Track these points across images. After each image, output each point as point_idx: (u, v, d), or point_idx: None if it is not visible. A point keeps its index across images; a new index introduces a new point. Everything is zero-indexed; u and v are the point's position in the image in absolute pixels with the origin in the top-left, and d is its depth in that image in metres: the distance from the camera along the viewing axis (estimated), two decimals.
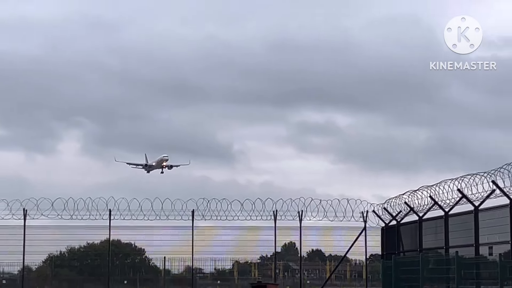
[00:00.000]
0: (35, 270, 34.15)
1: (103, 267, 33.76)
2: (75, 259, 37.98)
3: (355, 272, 42.53)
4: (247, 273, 39.01)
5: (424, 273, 24.68)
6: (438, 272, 24.84)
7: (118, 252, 36.00)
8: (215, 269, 38.02)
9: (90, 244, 35.06)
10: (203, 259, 34.97)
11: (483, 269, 22.50)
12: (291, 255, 40.19)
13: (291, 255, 40.19)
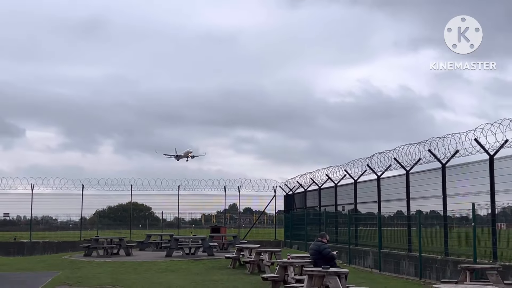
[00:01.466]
0: (88, 219, 41.84)
1: (127, 217, 42.03)
2: (111, 213, 45.03)
3: (269, 220, 49.31)
4: (209, 221, 45.87)
5: (307, 220, 32.68)
6: (315, 220, 32.38)
7: (135, 209, 43.72)
8: (191, 218, 46.32)
9: (120, 204, 43.38)
10: (184, 213, 42.28)
11: (339, 218, 29.69)
12: (234, 211, 47.49)
13: (234, 211, 47.49)
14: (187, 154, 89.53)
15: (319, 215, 32.04)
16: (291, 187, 39.79)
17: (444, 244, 18.92)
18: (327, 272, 12.51)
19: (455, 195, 19.15)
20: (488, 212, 16.97)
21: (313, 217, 33.56)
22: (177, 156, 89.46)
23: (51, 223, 45.97)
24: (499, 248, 16.39)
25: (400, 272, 20.89)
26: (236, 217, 46.86)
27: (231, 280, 18.09)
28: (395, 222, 23.90)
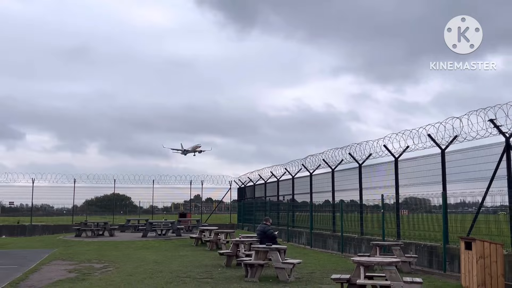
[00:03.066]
0: (79, 206, 41.18)
1: (111, 205, 41.75)
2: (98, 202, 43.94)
3: (226, 207, 49.12)
4: (177, 208, 45.27)
5: (255, 207, 33.50)
6: (261, 207, 32.63)
7: (118, 198, 42.52)
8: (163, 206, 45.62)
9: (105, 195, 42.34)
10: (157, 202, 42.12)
11: (280, 206, 29.82)
12: (197, 200, 46.75)
13: (197, 200, 46.75)
14: (195, 148, 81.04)
15: (265, 204, 32.39)
16: (243, 181, 40.08)
17: (360, 226, 19.29)
18: (270, 248, 12.63)
19: (369, 188, 19.49)
20: (394, 201, 17.31)
21: (260, 205, 33.69)
22: (185, 151, 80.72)
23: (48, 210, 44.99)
24: (402, 229, 16.81)
25: (326, 248, 21.17)
26: (199, 205, 47.18)
27: (194, 255, 18.10)
28: (323, 209, 23.99)
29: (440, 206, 14.29)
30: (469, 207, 15.06)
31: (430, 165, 15.75)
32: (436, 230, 15.00)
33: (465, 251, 11.12)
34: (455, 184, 14.64)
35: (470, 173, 13.94)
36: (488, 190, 12.75)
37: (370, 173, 19.53)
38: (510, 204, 12.08)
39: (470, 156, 13.98)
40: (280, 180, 30.96)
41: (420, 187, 16.38)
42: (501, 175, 12.57)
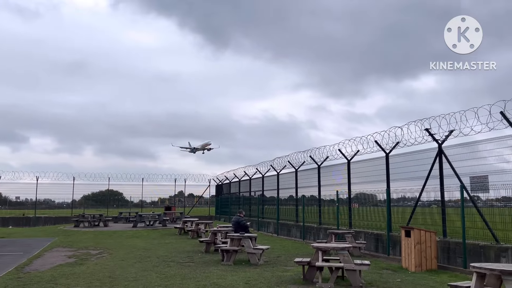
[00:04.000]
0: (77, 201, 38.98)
1: (105, 200, 40.90)
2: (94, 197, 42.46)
3: (205, 201, 47.24)
4: (163, 202, 43.67)
5: (230, 202, 33.63)
6: (236, 201, 32.82)
7: (112, 194, 41.28)
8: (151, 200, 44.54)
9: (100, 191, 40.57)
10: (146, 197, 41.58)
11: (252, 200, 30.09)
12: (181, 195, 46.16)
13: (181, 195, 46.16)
14: (205, 146, 71.92)
15: (239, 198, 32.43)
16: (221, 180, 40.18)
17: (319, 217, 19.45)
18: (243, 236, 12.67)
19: (326, 185, 19.58)
20: (346, 196, 17.52)
21: (234, 199, 33.73)
22: (194, 149, 71.83)
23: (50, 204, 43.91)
24: (353, 220, 17.03)
25: (291, 236, 21.26)
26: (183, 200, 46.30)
27: (178, 242, 17.96)
28: (288, 203, 23.93)
29: (385, 200, 14.53)
30: (408, 201, 15.42)
31: (377, 166, 15.97)
32: (382, 220, 15.26)
33: (405, 238, 11.38)
34: (397, 182, 14.90)
35: (409, 173, 14.22)
36: (424, 187, 13.05)
37: (327, 172, 19.69)
38: (441, 199, 12.41)
39: (409, 159, 14.27)
40: (252, 178, 30.85)
41: (369, 185, 16.56)
42: (434, 175, 12.91)
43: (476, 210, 11.13)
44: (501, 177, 11.08)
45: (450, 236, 11.97)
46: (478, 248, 10.70)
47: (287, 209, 23.73)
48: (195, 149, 72.39)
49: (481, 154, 11.84)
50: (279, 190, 25.18)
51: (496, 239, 10.53)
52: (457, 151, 12.35)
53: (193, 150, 72.53)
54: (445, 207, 12.30)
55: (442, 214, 12.28)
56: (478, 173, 11.50)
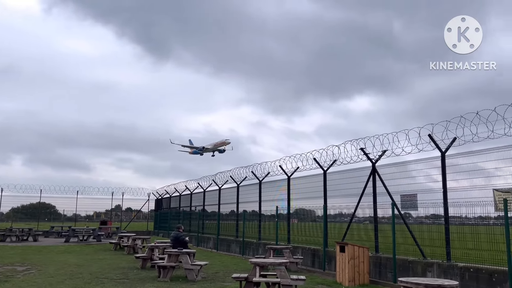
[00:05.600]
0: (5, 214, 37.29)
1: (36, 213, 38.68)
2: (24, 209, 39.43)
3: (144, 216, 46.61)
4: (99, 216, 42.65)
5: (170, 216, 33.13)
6: (176, 216, 32.52)
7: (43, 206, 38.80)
8: (86, 214, 43.20)
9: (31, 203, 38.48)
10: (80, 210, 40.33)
11: (192, 215, 29.47)
12: (118, 209, 44.83)
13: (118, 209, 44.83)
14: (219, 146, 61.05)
15: (179, 213, 31.93)
16: (160, 194, 39.39)
17: (258, 232, 19.64)
18: (181, 252, 12.54)
19: (267, 200, 19.79)
20: (286, 212, 17.83)
21: (174, 214, 33.22)
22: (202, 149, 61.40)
23: None
24: (292, 235, 17.36)
25: (230, 251, 21.26)
26: (120, 214, 44.85)
27: (113, 258, 17.40)
28: (229, 218, 23.78)
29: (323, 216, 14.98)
30: (345, 217, 15.91)
31: (315, 182, 16.42)
32: (319, 236, 15.61)
33: (339, 253, 11.81)
34: (334, 198, 15.43)
35: (346, 190, 14.76)
36: (359, 204, 13.62)
37: (268, 188, 19.98)
38: (374, 215, 13.03)
39: (346, 176, 14.85)
40: (193, 193, 30.64)
41: (308, 200, 16.97)
42: (369, 193, 13.53)
43: (406, 226, 11.79)
44: (430, 195, 11.85)
45: (382, 252, 12.56)
46: (407, 263, 11.32)
47: (228, 224, 23.70)
48: (204, 149, 61.91)
49: (411, 174, 12.62)
50: (221, 205, 25.13)
51: (423, 255, 11.20)
52: (390, 170, 13.05)
53: (201, 150, 62.02)
54: (377, 223, 12.91)
55: (375, 230, 12.87)
56: (408, 192, 12.22)
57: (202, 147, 61.55)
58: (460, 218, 11.08)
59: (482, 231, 10.15)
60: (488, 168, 10.65)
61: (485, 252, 9.70)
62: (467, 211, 10.92)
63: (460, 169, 11.23)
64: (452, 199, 10.96)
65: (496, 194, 9.54)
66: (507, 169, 9.99)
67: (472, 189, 10.71)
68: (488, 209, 10.28)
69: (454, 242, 10.66)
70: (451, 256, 10.44)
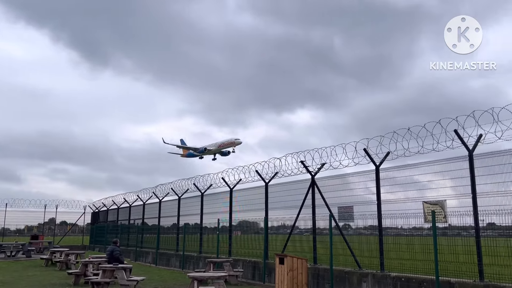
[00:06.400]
0: None
1: None
2: None
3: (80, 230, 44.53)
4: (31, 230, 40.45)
5: (107, 230, 31.94)
6: (114, 230, 31.07)
7: None
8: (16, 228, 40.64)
9: None
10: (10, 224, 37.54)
11: (131, 229, 28.84)
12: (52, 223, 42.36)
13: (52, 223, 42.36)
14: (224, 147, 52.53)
15: (117, 227, 30.91)
16: (97, 206, 38.25)
17: (199, 246, 19.48)
18: (116, 267, 12.21)
19: (210, 213, 19.61)
20: (227, 224, 17.85)
21: (112, 228, 32.14)
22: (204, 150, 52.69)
23: None
24: (234, 248, 17.34)
25: (170, 266, 20.90)
26: (53, 227, 42.64)
27: (43, 275, 16.56)
28: (171, 231, 23.37)
29: None
30: (288, 229, 16.21)
31: (258, 194, 16.62)
32: (261, 248, 15.75)
33: (279, 265, 11.99)
34: (276, 210, 15.67)
35: (287, 202, 15.07)
36: (298, 216, 13.95)
37: (211, 200, 19.90)
38: (313, 227, 13.39)
39: (287, 188, 15.16)
40: (132, 206, 29.77)
41: (251, 212, 17.07)
42: (309, 204, 13.89)
43: (343, 238, 12.21)
44: (367, 207, 12.36)
45: (320, 263, 12.91)
46: (344, 274, 11.71)
47: (168, 238, 23.30)
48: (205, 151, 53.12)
49: (350, 186, 13.12)
50: (161, 218, 24.64)
51: (359, 265, 11.64)
52: (329, 182, 13.50)
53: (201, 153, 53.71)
54: (316, 235, 13.27)
55: (313, 242, 13.22)
56: (345, 204, 12.69)
57: (204, 148, 52.60)
58: (396, 229, 11.67)
59: (416, 242, 10.77)
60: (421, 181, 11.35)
61: (419, 262, 10.27)
62: (402, 222, 11.57)
63: (394, 181, 11.87)
64: (389, 211, 11.51)
65: (425, 206, 10.15)
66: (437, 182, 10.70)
67: (405, 201, 11.33)
68: (421, 221, 10.93)
69: (390, 253, 11.20)
70: (384, 266, 10.93)
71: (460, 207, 9.99)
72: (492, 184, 9.38)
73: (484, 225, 9.64)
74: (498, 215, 9.39)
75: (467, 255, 9.37)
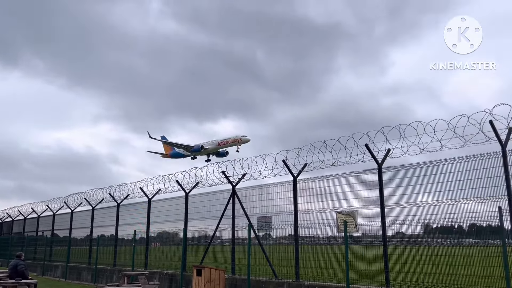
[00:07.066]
0: None
1: None
2: None
3: None
4: None
5: (11, 243, 29.24)
6: (18, 243, 28.62)
7: None
8: None
9: None
10: None
11: (38, 241, 26.67)
12: None
13: None
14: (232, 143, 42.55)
15: (23, 239, 28.76)
16: (1, 217, 35.39)
17: (114, 258, 18.79)
18: (19, 283, 11.42)
19: (127, 224, 19.00)
20: (143, 235, 17.39)
21: (17, 240, 29.82)
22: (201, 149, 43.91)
23: None
24: (153, 260, 16.95)
25: (81, 280, 19.90)
26: None
27: None
28: (84, 243, 22.51)
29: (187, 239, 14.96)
30: (208, 239, 16.17)
31: (178, 205, 16.48)
32: (180, 259, 15.54)
33: (196, 277, 11.94)
34: (197, 221, 15.60)
35: (208, 212, 15.08)
36: (218, 226, 14.00)
37: (128, 211, 19.32)
38: (232, 237, 13.50)
39: (208, 199, 15.18)
40: (41, 216, 27.91)
41: (171, 223, 16.82)
42: (229, 215, 13.98)
43: (261, 247, 12.44)
44: (286, 217, 12.71)
45: (239, 273, 13.02)
46: (261, 284, 11.92)
47: (81, 250, 22.20)
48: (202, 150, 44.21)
49: (271, 196, 13.43)
50: (73, 229, 23.30)
51: (275, 275, 11.92)
52: (251, 192, 13.73)
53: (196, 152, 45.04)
54: (235, 245, 13.39)
55: (232, 252, 13.32)
56: (264, 214, 12.96)
57: (201, 147, 44.39)
58: (314, 238, 12.11)
59: (333, 251, 11.21)
60: (337, 192, 11.91)
61: (335, 270, 10.71)
62: (320, 232, 12.02)
63: (312, 192, 12.35)
64: (307, 221, 11.92)
65: (338, 216, 10.67)
66: (351, 193, 11.32)
67: (322, 211, 11.82)
68: (335, 230, 11.44)
69: (308, 262, 11.58)
70: (300, 275, 11.29)
71: (371, 217, 10.66)
72: (401, 196, 10.13)
73: (393, 234, 10.36)
74: (406, 224, 10.14)
75: (377, 263, 9.98)
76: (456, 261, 9.23)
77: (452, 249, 9.81)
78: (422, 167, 9.63)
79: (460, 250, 9.66)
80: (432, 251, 9.71)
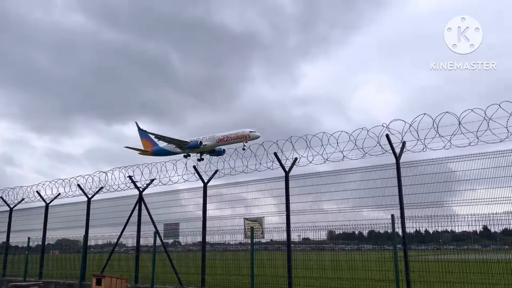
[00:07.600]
0: None
1: None
2: None
3: None
4: None
5: None
6: None
7: None
8: None
9: None
10: None
11: None
12: None
13: None
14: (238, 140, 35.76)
15: None
16: None
17: (3, 268, 17.45)
18: None
19: (21, 230, 17.70)
20: (40, 243, 16.36)
21: None
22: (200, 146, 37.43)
23: None
24: (49, 268, 16.07)
25: None
26: None
27: None
28: None
29: (89, 247, 14.34)
30: (112, 247, 15.57)
31: (80, 211, 15.69)
32: (79, 268, 14.78)
33: (96, 286, 11.39)
34: (101, 228, 14.98)
35: (113, 219, 14.52)
36: (122, 233, 13.51)
37: (22, 216, 18.02)
38: (137, 245, 13.10)
39: (113, 204, 14.64)
40: None
41: (73, 230, 15.97)
42: (135, 221, 13.54)
43: (167, 255, 12.20)
44: (197, 223, 12.57)
45: (142, 282, 12.64)
46: None
47: None
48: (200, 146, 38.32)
49: (181, 202, 13.25)
50: None
51: (181, 283, 11.75)
52: (158, 198, 13.43)
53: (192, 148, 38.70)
54: (139, 252, 13.00)
55: (136, 260, 12.92)
56: (172, 220, 12.75)
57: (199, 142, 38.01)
58: (224, 245, 12.12)
59: (242, 257, 11.31)
60: (247, 198, 12.06)
61: (243, 276, 10.80)
62: (230, 238, 12.06)
63: (222, 198, 12.40)
64: (217, 227, 11.90)
65: (246, 223, 10.82)
66: (261, 200, 11.54)
67: (232, 217, 11.90)
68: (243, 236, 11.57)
69: (216, 269, 11.57)
70: (206, 283, 11.24)
71: (279, 223, 10.94)
72: (308, 203, 10.52)
73: (300, 240, 10.71)
74: (312, 230, 10.55)
75: (284, 269, 10.24)
76: (356, 265, 9.79)
77: (352, 254, 10.37)
78: (326, 176, 10.15)
79: (360, 256, 10.28)
80: (335, 257, 10.19)
